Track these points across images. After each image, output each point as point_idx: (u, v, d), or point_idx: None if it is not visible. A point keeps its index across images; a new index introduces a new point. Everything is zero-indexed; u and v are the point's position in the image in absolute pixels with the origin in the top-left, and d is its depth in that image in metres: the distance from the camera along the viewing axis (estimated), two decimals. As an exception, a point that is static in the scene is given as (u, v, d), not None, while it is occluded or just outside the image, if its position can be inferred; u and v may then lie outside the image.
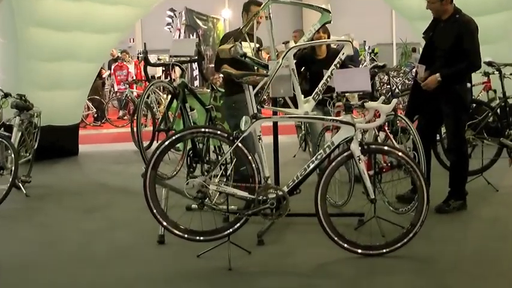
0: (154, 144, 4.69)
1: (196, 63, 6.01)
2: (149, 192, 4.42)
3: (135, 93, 15.04)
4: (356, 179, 5.47)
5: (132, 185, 6.95)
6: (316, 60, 6.82)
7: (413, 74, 6.79)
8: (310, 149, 7.96)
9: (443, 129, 6.73)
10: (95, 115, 15.74)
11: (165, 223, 4.49)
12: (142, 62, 5.46)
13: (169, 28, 20.62)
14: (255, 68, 5.69)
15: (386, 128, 5.34)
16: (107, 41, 9.70)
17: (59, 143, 9.51)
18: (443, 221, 5.35)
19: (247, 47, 5.39)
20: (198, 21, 16.06)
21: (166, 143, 4.45)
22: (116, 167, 8.99)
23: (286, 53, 5.02)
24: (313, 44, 6.40)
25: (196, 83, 15.69)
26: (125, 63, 17.24)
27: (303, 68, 6.93)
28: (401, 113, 5.81)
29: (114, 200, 6.76)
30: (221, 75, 6.08)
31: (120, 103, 16.58)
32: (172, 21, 19.78)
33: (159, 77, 18.03)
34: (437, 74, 5.30)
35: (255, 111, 4.47)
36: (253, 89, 4.68)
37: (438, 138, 7.29)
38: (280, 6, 5.91)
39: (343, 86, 4.55)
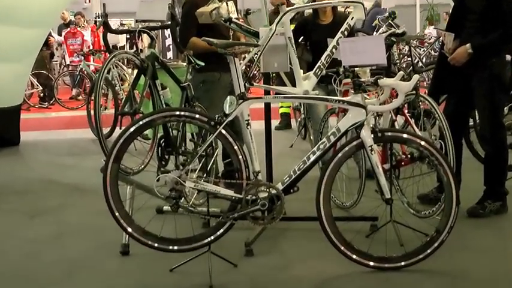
0: (117, 132, 4.69)
1: (169, 29, 5.96)
2: (110, 190, 4.43)
3: (92, 67, 15.01)
4: (368, 175, 5.51)
5: (89, 182, 6.98)
6: (319, 27, 6.84)
7: (440, 44, 6.83)
8: (311, 137, 8.02)
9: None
10: (41, 94, 15.68)
11: (130, 229, 4.50)
12: (101, 27, 5.44)
13: (134, -15, 20.56)
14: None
15: (405, 111, 5.38)
16: (56, 0, 9.62)
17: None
18: (477, 226, 5.41)
19: (224, 9, 5.40)
20: (171, -24, 16.05)
21: (132, 129, 4.44)
22: (68, 160, 8.98)
23: (281, 18, 5.05)
24: (315, 5, 6.42)
25: (170, 54, 15.70)
26: (79, 29, 17.19)
27: (302, 37, 6.96)
28: (424, 92, 5.84)
29: (66, 201, 6.78)
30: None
31: (73, 79, 16.55)
32: (139, -24, 19.75)
33: (123, 47, 17.98)
34: (468, 45, 5.33)
35: (242, 90, 4.48)
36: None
37: (471, 123, 7.37)
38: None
39: (351, 59, 4.57)
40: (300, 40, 6.85)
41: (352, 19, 5.21)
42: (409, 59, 12.08)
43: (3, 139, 9.81)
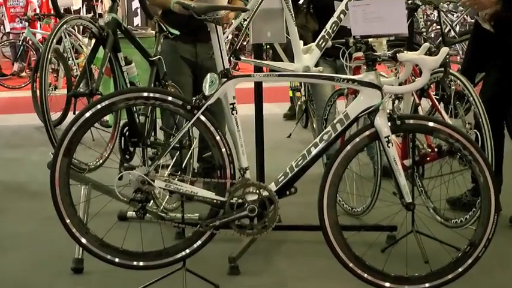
0: (70, 117, 4.67)
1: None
2: (59, 191, 4.41)
3: (39, 36, 15.00)
4: (384, 173, 5.53)
5: (34, 180, 6.99)
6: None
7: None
8: (314, 125, 8.03)
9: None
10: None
11: (84, 240, 4.48)
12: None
13: None
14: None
15: (432, 94, 5.39)
16: None
17: None
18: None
19: None
20: None
21: (87, 114, 4.41)
22: (8, 153, 8.99)
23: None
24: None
25: (137, 20, 15.67)
26: (22, -13, 17.19)
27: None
28: (457, 70, 5.85)
29: (4, 204, 6.77)
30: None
31: (15, 51, 16.52)
32: None
33: (78, 11, 17.96)
34: None
35: (226, 65, 4.47)
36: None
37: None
38: None
39: (363, 27, 4.55)
40: (301, 2, 6.85)
41: (365, -23, 5.19)
42: (438, 27, 12.07)
43: None
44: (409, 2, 5.21)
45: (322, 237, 4.44)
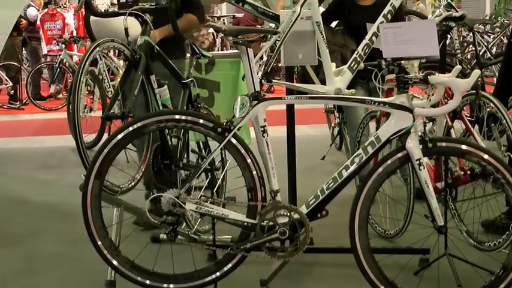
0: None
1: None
2: (91, 214, 4.45)
3: (75, 59, 15.05)
4: (417, 195, 5.50)
5: (68, 201, 7.02)
6: (358, 9, 6.86)
7: (511, 31, 6.81)
8: (348, 147, 8.02)
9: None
10: (11, 91, 15.75)
11: (115, 262, 4.51)
12: (83, 9, 5.43)
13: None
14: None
15: (465, 116, 5.37)
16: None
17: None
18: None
19: None
20: None
21: (119, 136, 4.46)
22: (43, 174, 9.02)
23: (308, -3, 5.08)
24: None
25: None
26: (58, 9, 17.25)
27: (338, 19, 6.99)
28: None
29: (39, 226, 6.79)
30: (211, 30, 6.08)
31: (52, 73, 16.60)
32: None
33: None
34: None
35: (257, 88, 4.49)
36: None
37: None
38: None
39: (394, 50, 4.54)
40: (335, 25, 6.87)
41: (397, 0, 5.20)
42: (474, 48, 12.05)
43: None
44: (441, 24, 5.18)
45: (354, 260, 4.42)
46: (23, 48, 17.45)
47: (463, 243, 5.38)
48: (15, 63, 15.69)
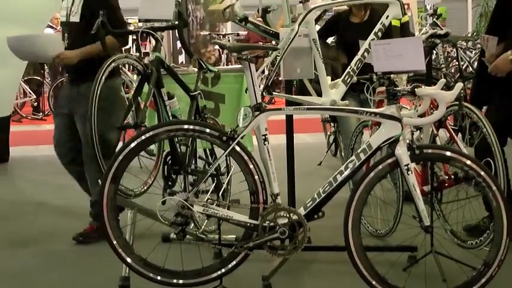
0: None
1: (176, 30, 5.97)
2: (107, 215, 4.45)
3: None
4: (406, 197, 5.50)
5: (84, 204, 6.98)
6: (352, 26, 6.89)
7: (480, 50, 6.78)
8: (343, 153, 8.02)
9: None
10: (35, 104, 15.77)
11: (129, 260, 4.51)
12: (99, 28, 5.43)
13: (142, -22, 20.60)
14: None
15: (448, 125, 5.37)
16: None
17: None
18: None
19: (239, 7, 5.43)
20: (184, -32, 16.11)
21: (133, 145, 4.45)
22: (62, 179, 8.86)
23: (305, 17, 5.07)
24: (343, 3, 6.44)
25: (182, 58, 15.71)
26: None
27: (333, 36, 7.01)
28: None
29: (57, 227, 6.80)
30: (217, 46, 6.09)
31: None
32: (147, -32, 19.78)
33: (128, 50, 18.04)
34: (510, 52, 5.30)
35: (259, 100, 4.50)
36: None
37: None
38: None
39: (384, 64, 4.54)
40: (330, 41, 6.88)
41: (387, 18, 5.21)
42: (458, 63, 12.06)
43: (-11, 155, 9.87)
44: (427, 41, 5.19)
45: (347, 257, 4.42)
46: (44, 64, 17.43)
47: (449, 241, 5.38)
48: (38, 78, 15.68)
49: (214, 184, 5.33)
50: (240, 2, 5.43)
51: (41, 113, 15.83)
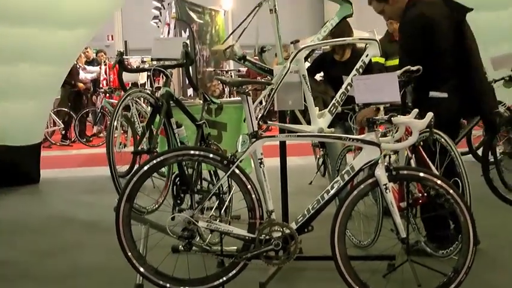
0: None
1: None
2: (123, 231, 4.44)
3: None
4: (386, 212, 5.47)
5: (105, 219, 7.00)
6: (336, 63, 6.92)
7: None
8: (331, 174, 8.00)
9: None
10: (63, 132, 15.86)
11: (142, 269, 4.50)
12: (116, 66, 5.45)
13: (156, 22, 20.74)
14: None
15: (420, 149, 5.33)
16: (75, 38, 9.68)
17: (14, 168, 9.61)
18: (499, 267, 5.35)
19: (238, 47, 5.43)
20: (192, 14, 16.15)
21: (146, 168, 4.47)
22: (86, 197, 9.03)
23: (296, 55, 5.06)
24: (330, 43, 6.46)
25: (190, 92, 15.78)
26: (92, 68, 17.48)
27: (320, 72, 7.01)
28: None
29: (81, 239, 6.80)
30: (218, 82, 6.10)
31: (95, 117, 16.69)
32: (160, 13, 19.92)
33: (143, 84, 18.12)
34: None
35: (255, 128, 4.51)
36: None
37: (492, 160, 7.36)
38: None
39: (365, 97, 4.55)
40: (319, 76, 6.89)
41: (367, 56, 5.20)
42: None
43: (22, 177, 9.90)
44: (402, 76, 5.17)
45: (334, 266, 4.40)
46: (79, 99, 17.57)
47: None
48: (65, 109, 15.77)
49: (217, 202, 5.29)
50: (239, 42, 5.43)
51: (68, 140, 15.88)
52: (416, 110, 4.35)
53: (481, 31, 5.68)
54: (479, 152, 9.89)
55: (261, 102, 5.49)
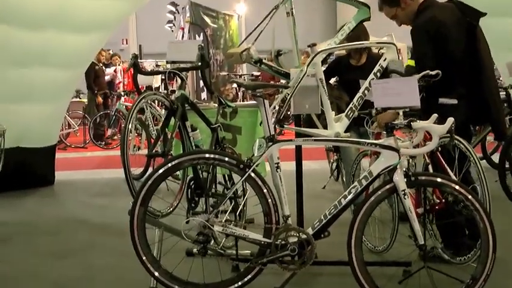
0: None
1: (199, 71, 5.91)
2: (137, 234, 4.36)
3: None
4: (401, 218, 5.39)
5: (119, 222, 6.89)
6: (352, 68, 6.83)
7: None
8: (344, 179, 7.91)
9: None
10: (77, 134, 15.89)
11: (157, 274, 4.42)
12: (131, 69, 5.37)
13: (170, 27, 20.71)
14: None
15: (439, 154, 5.22)
16: (89, 42, 9.66)
17: (29, 170, 9.56)
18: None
19: (254, 50, 5.35)
20: (206, 19, 16.12)
21: (160, 171, 4.40)
22: (100, 200, 8.97)
23: (313, 59, 4.98)
24: (347, 47, 6.36)
25: (204, 95, 15.73)
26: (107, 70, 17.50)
27: (335, 76, 6.93)
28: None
29: (95, 241, 6.72)
30: (234, 85, 6.03)
31: (109, 120, 16.65)
32: (175, 18, 19.90)
33: (158, 88, 18.08)
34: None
35: (272, 132, 4.41)
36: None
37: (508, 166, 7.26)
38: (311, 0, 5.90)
39: (384, 101, 4.45)
40: (334, 80, 6.80)
41: (384, 60, 5.11)
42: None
43: (38, 178, 9.87)
44: (421, 80, 5.06)
45: (349, 271, 4.33)
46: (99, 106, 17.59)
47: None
48: (80, 112, 15.82)
49: (232, 205, 5.20)
50: (255, 46, 5.34)
51: (83, 143, 15.86)
52: (435, 115, 4.25)
53: (492, 37, 5.54)
54: (493, 158, 9.85)
55: (275, 107, 5.42)
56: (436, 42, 5.27)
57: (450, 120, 4.22)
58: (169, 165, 4.41)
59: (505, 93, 8.74)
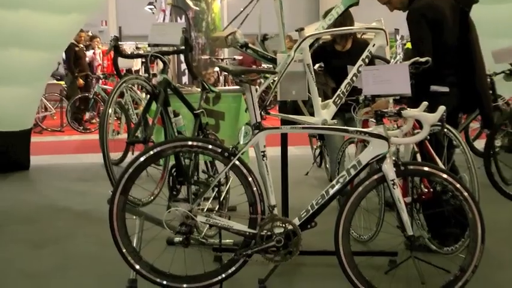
0: (130, 158, 4.52)
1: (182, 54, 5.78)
2: (117, 225, 4.21)
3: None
4: (387, 205, 5.32)
5: (98, 209, 6.82)
6: (337, 54, 6.72)
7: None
8: (327, 165, 7.83)
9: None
10: (54, 117, 15.75)
11: (137, 266, 4.28)
12: (111, 52, 5.23)
13: (151, 8, 20.53)
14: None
15: (428, 143, 5.13)
16: (67, 23, 9.44)
17: (3, 154, 9.43)
18: (505, 266, 5.20)
19: (240, 34, 5.25)
20: (188, 1, 15.98)
21: (142, 159, 4.24)
22: (79, 186, 8.82)
23: (300, 44, 4.87)
24: (336, 32, 6.26)
25: (185, 79, 15.60)
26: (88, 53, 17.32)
27: (320, 62, 6.83)
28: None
29: (74, 230, 6.56)
30: (216, 69, 5.93)
31: (87, 103, 16.48)
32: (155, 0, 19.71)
33: (138, 71, 17.90)
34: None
35: (258, 119, 4.29)
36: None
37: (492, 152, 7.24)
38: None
39: (373, 88, 4.34)
40: (318, 66, 6.71)
41: (373, 46, 5.01)
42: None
43: (12, 163, 9.73)
44: (411, 67, 4.97)
45: (336, 261, 4.24)
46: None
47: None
48: (57, 94, 15.65)
49: (214, 194, 5.10)
50: (241, 30, 5.24)
51: (60, 126, 15.68)
52: (425, 103, 4.15)
53: (479, 24, 5.48)
54: (475, 144, 9.89)
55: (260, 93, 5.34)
56: (432, 27, 5.18)
57: (442, 108, 4.12)
58: (151, 152, 4.25)
59: (489, 80, 8.72)
